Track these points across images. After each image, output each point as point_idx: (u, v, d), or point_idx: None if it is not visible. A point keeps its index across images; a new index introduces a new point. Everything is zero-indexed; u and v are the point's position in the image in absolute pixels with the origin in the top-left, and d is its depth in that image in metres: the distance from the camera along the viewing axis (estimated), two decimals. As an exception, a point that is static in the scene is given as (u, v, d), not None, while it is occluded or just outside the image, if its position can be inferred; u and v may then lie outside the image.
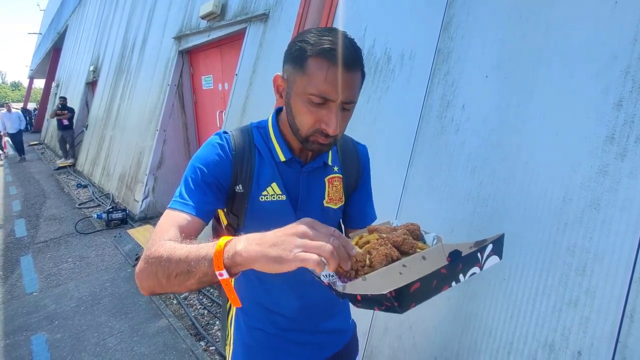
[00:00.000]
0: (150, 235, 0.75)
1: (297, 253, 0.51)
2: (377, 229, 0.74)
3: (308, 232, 0.54)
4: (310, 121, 0.77)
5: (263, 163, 0.88)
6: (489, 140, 1.59)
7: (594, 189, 1.26)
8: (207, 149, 0.85)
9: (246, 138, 0.89)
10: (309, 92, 0.74)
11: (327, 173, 0.95)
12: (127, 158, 6.08)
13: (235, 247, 0.56)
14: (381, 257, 0.62)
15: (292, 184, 0.90)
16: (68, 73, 13.45)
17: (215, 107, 4.89)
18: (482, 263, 0.61)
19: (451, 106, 1.78)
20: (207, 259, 0.57)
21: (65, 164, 9.38)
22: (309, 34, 0.75)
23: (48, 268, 3.85)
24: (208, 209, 0.82)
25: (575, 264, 1.26)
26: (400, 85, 2.06)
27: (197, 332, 2.72)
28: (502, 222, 1.47)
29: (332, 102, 0.74)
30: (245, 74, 3.62)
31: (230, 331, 1.04)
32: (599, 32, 1.33)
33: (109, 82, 8.07)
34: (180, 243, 0.66)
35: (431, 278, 0.53)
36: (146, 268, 0.67)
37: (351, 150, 1.02)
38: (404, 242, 0.67)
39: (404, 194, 1.90)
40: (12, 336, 2.76)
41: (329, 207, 0.95)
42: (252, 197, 0.87)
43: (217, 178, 0.83)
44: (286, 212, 0.89)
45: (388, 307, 0.50)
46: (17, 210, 5.99)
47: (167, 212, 0.79)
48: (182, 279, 0.61)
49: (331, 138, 0.79)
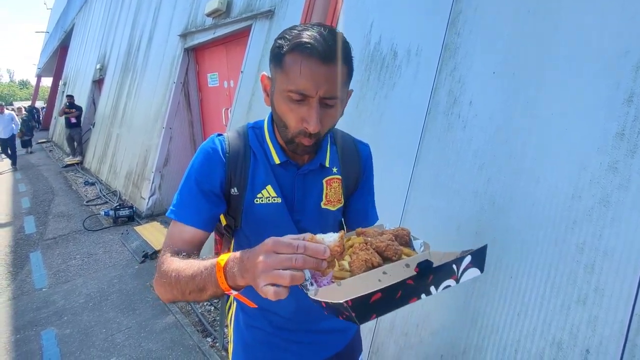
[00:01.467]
0: (162, 247, 0.82)
1: (262, 287, 0.53)
2: (364, 232, 0.72)
3: (267, 262, 0.54)
4: (292, 121, 0.75)
5: (257, 165, 0.87)
6: (496, 136, 1.58)
7: (604, 185, 1.24)
8: (201, 156, 0.86)
9: (241, 140, 0.88)
10: (287, 89, 0.72)
11: (325, 174, 0.93)
12: (133, 156, 6.12)
13: (233, 271, 0.59)
14: (360, 263, 0.59)
15: (287, 186, 0.89)
16: (75, 71, 13.56)
17: (221, 104, 4.90)
18: (459, 275, 0.57)
19: (458, 102, 1.77)
20: (213, 282, 0.62)
21: (73, 161, 9.47)
22: (290, 30, 0.73)
23: (57, 264, 3.90)
24: (209, 218, 0.84)
25: (584, 262, 1.25)
26: (407, 81, 2.04)
27: (203, 328, 2.74)
28: (510, 219, 1.46)
29: (311, 97, 0.71)
30: (250, 71, 3.62)
31: (231, 330, 1.05)
32: (609, 26, 1.31)
33: (115, 80, 8.11)
34: (187, 260, 0.72)
35: (395, 289, 0.50)
36: (161, 283, 0.73)
37: (351, 149, 0.99)
38: (387, 247, 0.64)
39: (410, 191, 1.89)
40: (22, 331, 2.80)
41: (327, 209, 0.93)
42: (247, 200, 0.86)
43: (213, 184, 0.84)
44: (282, 214, 0.88)
45: (347, 316, 0.48)
46: (26, 207, 6.07)
47: (173, 223, 0.83)
48: (197, 296, 0.66)
49: (314, 137, 0.77)
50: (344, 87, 0.75)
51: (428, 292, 0.54)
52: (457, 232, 1.64)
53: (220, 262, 0.61)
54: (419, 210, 1.84)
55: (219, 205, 0.86)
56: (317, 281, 0.59)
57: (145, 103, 6.16)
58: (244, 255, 0.59)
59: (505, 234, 1.47)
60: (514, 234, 1.44)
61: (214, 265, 0.63)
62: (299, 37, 0.70)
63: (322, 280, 0.59)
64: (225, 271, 0.60)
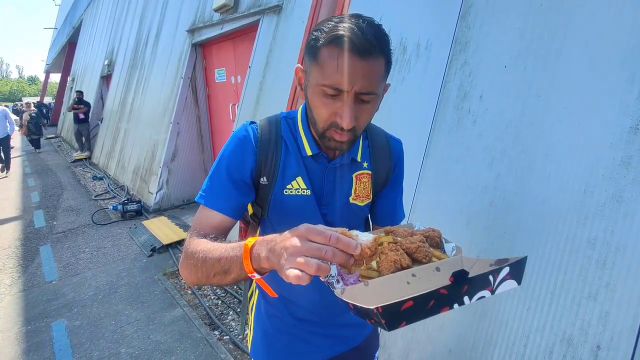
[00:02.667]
0: (188, 231, 0.82)
1: (285, 270, 0.52)
2: (393, 230, 0.69)
3: (297, 246, 0.53)
4: (325, 114, 0.73)
5: (289, 156, 0.86)
6: (507, 131, 1.56)
7: (617, 180, 1.23)
8: (233, 144, 0.85)
9: (273, 129, 0.87)
10: (322, 83, 0.70)
11: (356, 169, 0.91)
12: (141, 151, 6.17)
13: (259, 253, 0.59)
14: (389, 264, 0.57)
15: (317, 179, 0.88)
16: (83, 67, 13.65)
17: (228, 100, 4.91)
18: (494, 287, 0.54)
19: (468, 97, 1.76)
20: (238, 264, 0.62)
21: (81, 156, 9.57)
22: (327, 22, 0.71)
23: (66, 257, 3.95)
24: (237, 207, 0.84)
25: (596, 257, 1.24)
26: (416, 75, 2.03)
27: (211, 321, 2.76)
28: (520, 215, 1.45)
29: (346, 92, 0.69)
30: (258, 66, 3.62)
31: (251, 318, 1.06)
32: (623, 20, 1.29)
33: (123, 76, 8.16)
34: (214, 242, 0.72)
35: (427, 298, 0.47)
36: (187, 264, 0.73)
37: (383, 145, 0.97)
38: (417, 249, 0.62)
39: (419, 185, 1.88)
40: (33, 322, 2.84)
41: (355, 204, 0.92)
42: (275, 190, 0.86)
43: (243, 173, 0.84)
44: (310, 207, 0.87)
45: (376, 321, 0.46)
46: (35, 201, 6.14)
47: (202, 208, 0.83)
48: (221, 278, 0.67)
49: (348, 133, 0.74)
50: (381, 81, 0.72)
51: (461, 302, 0.51)
52: (466, 227, 1.63)
53: (247, 243, 0.61)
54: (428, 204, 1.83)
55: (249, 194, 0.86)
56: (343, 279, 0.57)
57: (153, 98, 6.20)
58: (273, 238, 0.58)
59: (515, 229, 1.46)
60: (524, 229, 1.43)
61: (241, 246, 0.62)
62: (335, 30, 0.67)
63: (349, 278, 0.57)
64: (251, 253, 0.60)
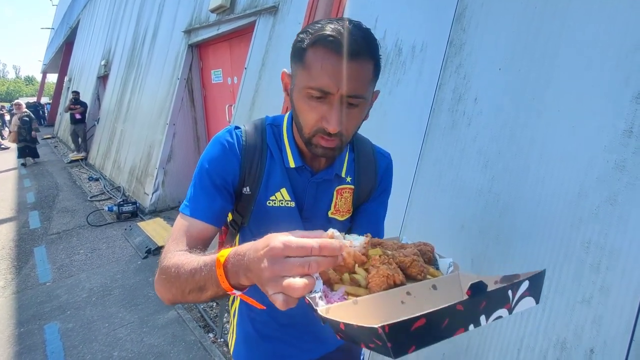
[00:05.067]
0: (165, 241, 0.77)
1: (270, 295, 0.47)
2: (381, 243, 0.63)
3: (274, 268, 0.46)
4: (311, 119, 0.70)
5: (274, 165, 0.83)
6: (501, 133, 1.56)
7: (611, 184, 1.22)
8: (215, 148, 0.81)
9: (259, 136, 0.84)
10: (308, 86, 0.67)
11: (338, 184, 0.89)
12: (137, 152, 6.14)
13: (237, 271, 0.53)
14: (381, 279, 0.51)
15: (300, 191, 0.85)
16: (80, 67, 13.60)
17: (224, 101, 4.90)
18: (513, 304, 0.47)
19: (463, 99, 1.75)
20: (213, 280, 0.56)
21: (77, 157, 9.52)
22: (314, 25, 0.69)
23: (61, 259, 3.92)
24: (219, 214, 0.80)
25: (590, 261, 1.23)
26: (412, 78, 2.03)
27: (205, 324, 2.74)
28: (515, 218, 1.44)
29: (332, 95, 0.66)
30: (254, 67, 3.61)
31: (234, 321, 1.05)
32: (618, 22, 1.28)
33: (119, 76, 8.13)
34: (189, 255, 0.66)
35: (442, 315, 0.40)
36: (161, 280, 0.68)
37: (369, 159, 0.93)
38: (412, 264, 0.55)
39: (413, 188, 1.87)
40: (26, 325, 2.81)
41: (334, 219, 0.89)
42: (258, 201, 0.83)
43: (225, 180, 0.80)
44: (293, 219, 0.85)
45: (378, 346, 0.39)
46: (31, 202, 6.10)
47: (179, 218, 0.79)
48: (196, 296, 0.60)
49: (335, 139, 0.71)
50: (369, 85, 0.70)
51: (477, 323, 0.44)
52: (461, 230, 1.62)
53: (220, 258, 0.55)
54: (422, 207, 1.82)
55: (230, 202, 0.83)
56: (326, 296, 0.50)
57: (149, 99, 6.18)
58: (246, 252, 0.52)
59: (510, 232, 1.45)
60: (518, 232, 1.43)
61: (213, 261, 0.56)
62: (321, 30, 0.65)
63: (333, 295, 0.51)
64: (226, 269, 0.54)
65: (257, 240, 0.52)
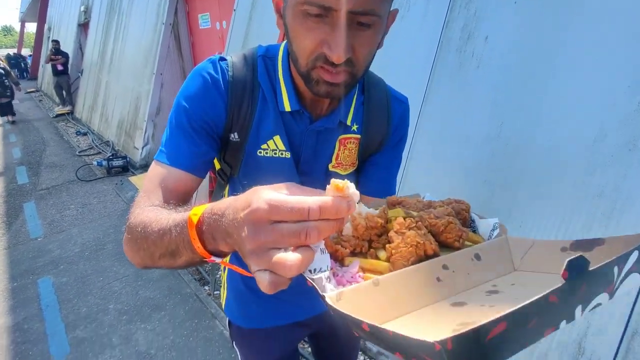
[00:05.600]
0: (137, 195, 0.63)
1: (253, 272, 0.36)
2: (402, 201, 0.50)
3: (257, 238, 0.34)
4: (308, 45, 0.54)
5: (266, 108, 0.69)
6: (514, 73, 1.43)
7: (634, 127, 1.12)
8: (195, 83, 0.66)
9: (249, 71, 0.69)
10: (303, 1, 0.51)
11: (342, 132, 0.74)
12: (124, 104, 5.89)
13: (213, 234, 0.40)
14: (408, 250, 0.38)
15: (296, 140, 0.72)
16: (59, 14, 12.77)
17: (213, 48, 4.62)
18: (616, 285, 0.33)
19: (472, 38, 1.60)
20: (186, 244, 0.43)
21: (63, 111, 9.17)
22: None
23: (51, 214, 3.85)
24: (200, 161, 0.66)
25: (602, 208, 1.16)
26: (416, 15, 1.84)
27: (201, 277, 2.73)
28: (525, 164, 1.35)
29: (335, 11, 0.50)
30: (244, 9, 3.34)
31: (224, 275, 0.97)
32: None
33: (101, 23, 7.63)
34: (160, 211, 0.54)
35: (528, 312, 0.27)
36: (128, 241, 0.56)
37: (382, 105, 0.77)
38: (447, 227, 0.42)
39: (415, 135, 1.76)
40: (19, 279, 2.79)
41: (335, 172, 0.76)
42: (248, 149, 0.70)
43: (207, 122, 0.66)
44: (288, 171, 0.72)
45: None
46: (17, 157, 5.93)
47: (154, 165, 0.65)
48: (169, 261, 0.49)
49: (342, 72, 0.55)
50: (385, 0, 0.53)
51: (571, 317, 0.31)
52: (464, 181, 1.54)
53: (192, 217, 0.42)
54: (424, 156, 1.72)
55: (214, 147, 0.70)
56: (335, 274, 0.39)
57: (133, 47, 5.82)
58: (224, 210, 0.39)
59: (517, 180, 1.37)
60: (527, 179, 1.34)
61: (185, 221, 0.43)
62: None
63: (344, 272, 0.39)
64: (200, 231, 0.42)
65: (239, 196, 0.39)
